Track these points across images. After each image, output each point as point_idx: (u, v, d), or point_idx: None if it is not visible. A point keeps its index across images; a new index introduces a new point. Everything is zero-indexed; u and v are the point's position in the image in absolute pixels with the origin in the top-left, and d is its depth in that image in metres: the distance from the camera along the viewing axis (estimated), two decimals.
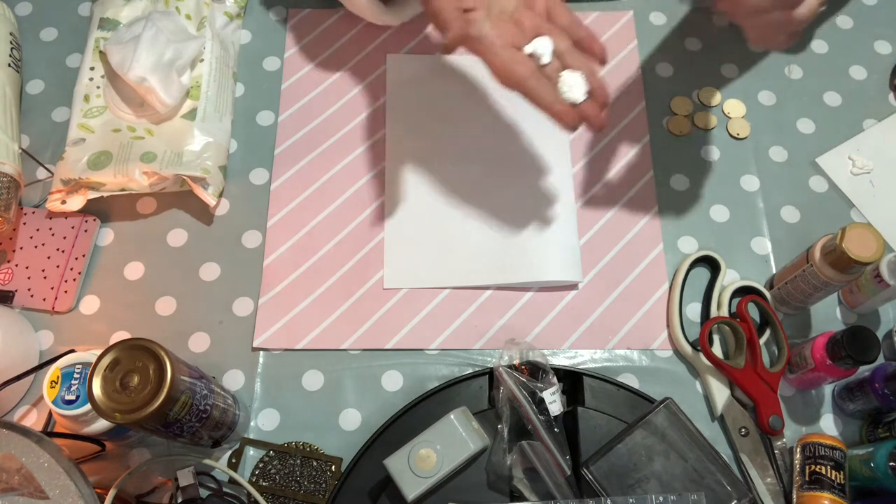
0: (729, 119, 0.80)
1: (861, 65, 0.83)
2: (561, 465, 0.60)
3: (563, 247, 0.72)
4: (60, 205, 0.71)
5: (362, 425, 0.66)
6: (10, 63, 0.76)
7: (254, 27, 0.84)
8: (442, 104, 0.79)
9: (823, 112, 0.80)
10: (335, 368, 0.69)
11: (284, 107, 0.80)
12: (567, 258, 0.72)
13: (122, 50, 0.72)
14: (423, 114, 0.79)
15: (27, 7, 0.85)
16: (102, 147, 0.72)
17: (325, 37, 0.83)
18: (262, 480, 0.65)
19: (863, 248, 0.60)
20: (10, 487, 0.50)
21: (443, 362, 0.69)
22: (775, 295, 0.70)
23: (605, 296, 0.72)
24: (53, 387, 0.60)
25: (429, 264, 0.72)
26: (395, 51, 0.83)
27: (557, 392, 0.62)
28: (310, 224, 0.74)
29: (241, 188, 0.76)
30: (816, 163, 0.78)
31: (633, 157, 0.77)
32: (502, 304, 0.71)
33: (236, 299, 0.71)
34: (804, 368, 0.64)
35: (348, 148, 0.78)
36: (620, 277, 0.72)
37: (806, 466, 0.62)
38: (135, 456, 0.65)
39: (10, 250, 0.72)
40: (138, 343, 0.52)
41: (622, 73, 0.82)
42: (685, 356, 0.69)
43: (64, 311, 0.70)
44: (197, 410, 0.55)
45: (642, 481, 0.60)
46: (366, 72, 0.82)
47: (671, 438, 0.61)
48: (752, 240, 0.74)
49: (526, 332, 0.70)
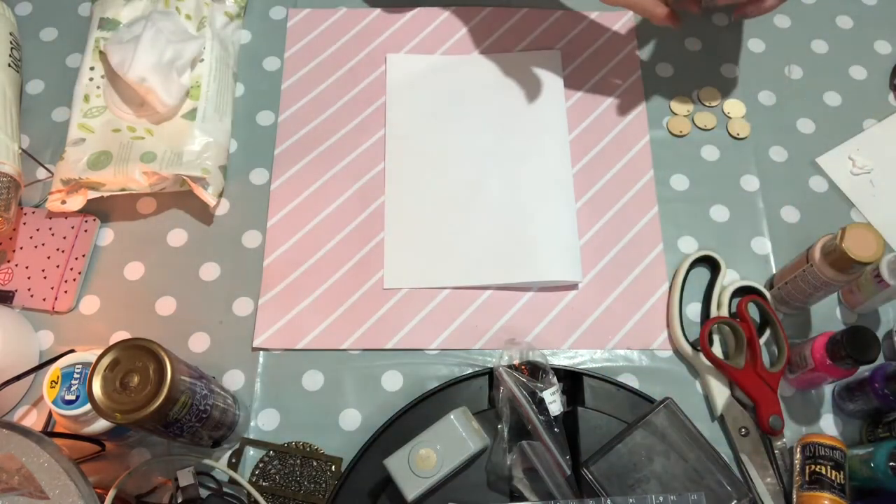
0: (729, 119, 0.80)
1: (861, 65, 0.83)
2: (561, 465, 0.60)
3: (563, 247, 0.72)
4: (60, 205, 0.71)
5: (362, 425, 0.66)
6: (10, 63, 0.76)
7: (254, 27, 0.84)
8: (442, 104, 0.79)
9: (823, 112, 0.80)
10: (335, 368, 0.69)
11: (284, 107, 0.80)
12: (567, 258, 0.72)
13: (122, 50, 0.72)
14: (423, 114, 0.79)
15: (27, 7, 0.85)
16: (102, 147, 0.72)
17: (325, 37, 0.83)
18: (262, 480, 0.65)
19: (863, 248, 0.60)
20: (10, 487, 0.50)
21: (443, 362, 0.69)
22: (775, 295, 0.70)
23: (605, 296, 0.71)
24: (53, 387, 0.60)
25: (429, 264, 0.72)
26: (395, 51, 0.83)
27: (557, 392, 0.62)
28: (310, 224, 0.74)
29: (241, 188, 0.76)
30: (816, 163, 0.78)
31: (633, 157, 0.77)
32: (502, 304, 0.71)
33: (236, 299, 0.71)
34: (804, 368, 0.64)
35: (348, 148, 0.78)
36: (620, 277, 0.72)
37: (806, 466, 0.62)
38: (135, 456, 0.65)
39: (10, 250, 0.72)
40: (138, 343, 0.52)
41: (622, 73, 0.82)
42: (685, 356, 0.69)
43: (64, 311, 0.70)
44: (197, 410, 0.55)
45: (642, 481, 0.60)
46: (366, 72, 0.82)
47: (671, 438, 0.61)
48: (752, 240, 0.74)
49: (526, 332, 0.70)
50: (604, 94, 0.81)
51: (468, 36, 0.83)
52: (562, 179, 0.75)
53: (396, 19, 0.84)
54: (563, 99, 0.80)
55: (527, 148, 0.77)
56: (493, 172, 0.76)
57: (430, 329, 0.70)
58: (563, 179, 0.76)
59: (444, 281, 0.71)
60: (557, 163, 0.76)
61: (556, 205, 0.74)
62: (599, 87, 0.81)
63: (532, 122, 0.78)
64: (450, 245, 0.73)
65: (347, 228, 0.74)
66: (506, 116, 0.78)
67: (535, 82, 0.80)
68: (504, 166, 0.76)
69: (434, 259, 0.72)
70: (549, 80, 0.80)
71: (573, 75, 0.81)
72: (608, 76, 0.81)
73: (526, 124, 0.78)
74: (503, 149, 0.77)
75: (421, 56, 0.82)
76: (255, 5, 0.85)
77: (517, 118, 0.78)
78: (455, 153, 0.77)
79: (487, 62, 0.82)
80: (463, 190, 0.75)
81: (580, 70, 0.82)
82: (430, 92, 0.80)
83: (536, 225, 0.73)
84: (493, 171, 0.76)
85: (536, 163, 0.76)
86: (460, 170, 0.76)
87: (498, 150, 0.77)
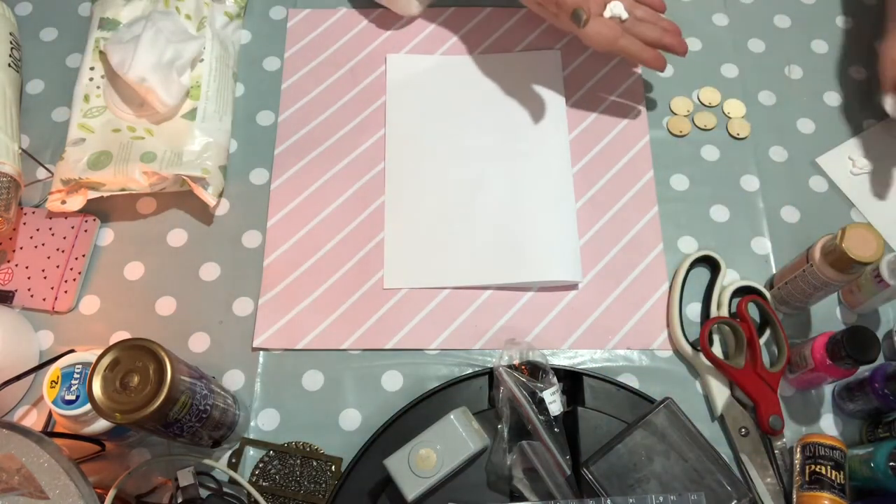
0: (729, 119, 0.80)
1: (861, 65, 0.83)
2: (561, 465, 0.60)
3: (563, 247, 0.72)
4: (60, 205, 0.71)
5: (362, 425, 0.66)
6: (10, 63, 0.76)
7: (254, 27, 0.84)
8: (442, 104, 0.79)
9: (823, 112, 0.80)
10: (335, 368, 0.69)
11: (284, 107, 0.80)
12: (567, 258, 0.72)
13: (122, 50, 0.72)
14: (423, 114, 0.79)
15: (27, 7, 0.85)
16: (102, 147, 0.72)
17: (325, 37, 0.83)
18: (262, 480, 0.65)
19: (863, 248, 0.60)
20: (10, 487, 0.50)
21: (443, 362, 0.69)
22: (775, 295, 0.70)
23: (605, 296, 0.71)
24: (53, 387, 0.60)
25: (429, 264, 0.72)
26: (395, 51, 0.83)
27: (557, 392, 0.62)
28: (310, 224, 0.74)
29: (241, 188, 0.76)
30: (816, 163, 0.78)
31: (633, 157, 0.77)
32: (502, 304, 0.71)
33: (236, 299, 0.71)
34: (804, 368, 0.64)
35: (348, 148, 0.78)
36: (620, 277, 0.72)
37: (806, 466, 0.62)
38: (135, 456, 0.65)
39: (10, 250, 0.72)
40: (138, 343, 0.52)
41: (622, 74, 0.82)
42: (685, 356, 0.69)
43: (64, 311, 0.70)
44: (197, 410, 0.55)
45: (642, 481, 0.60)
46: (366, 72, 0.82)
47: (671, 438, 0.61)
48: (752, 240, 0.74)
49: (526, 332, 0.70)
50: (604, 94, 0.81)
51: (468, 36, 0.83)
52: (562, 179, 0.75)
53: (396, 19, 0.84)
54: (563, 99, 0.80)
55: (527, 148, 0.77)
56: (493, 172, 0.76)
57: (430, 329, 0.70)
58: (563, 179, 0.76)
59: (444, 281, 0.71)
60: (557, 163, 0.76)
61: (556, 205, 0.74)
62: (599, 87, 0.81)
63: (532, 122, 0.78)
64: (450, 245, 0.73)
65: (347, 228, 0.74)
66: (506, 116, 0.78)
67: (535, 82, 0.80)
68: (504, 166, 0.76)
69: (434, 259, 0.72)
70: (549, 80, 0.80)
71: (573, 75, 0.81)
72: (608, 76, 0.81)
73: (526, 124, 0.78)
74: (503, 149, 0.77)
75: (421, 56, 0.82)
76: (255, 5, 0.85)
77: (517, 118, 0.78)
78: (455, 153, 0.77)
79: (487, 62, 0.82)
80: (463, 190, 0.75)
81: (580, 70, 0.82)
82: (430, 92, 0.80)
83: (536, 225, 0.73)
84: (493, 171, 0.76)
85: (536, 163, 0.76)
86: (460, 170, 0.76)
87: (498, 150, 0.77)
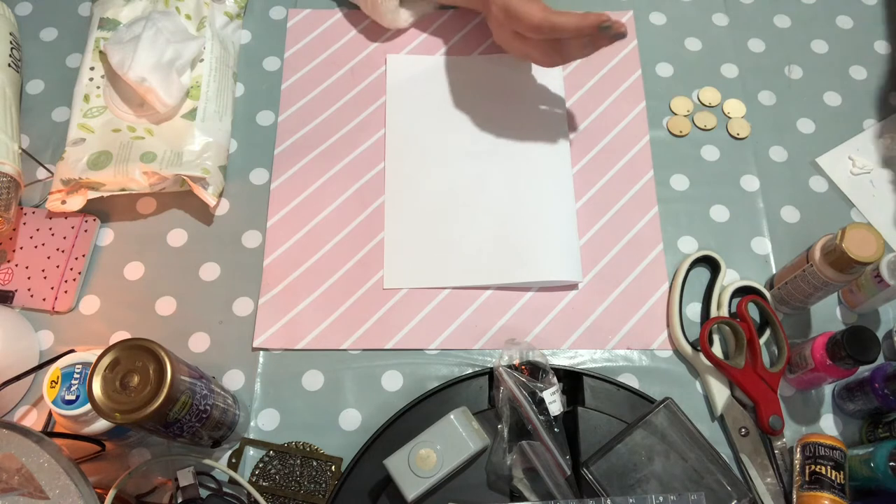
0: (729, 119, 0.80)
1: (861, 65, 0.83)
2: (561, 465, 0.60)
3: (563, 247, 0.72)
4: (60, 205, 0.71)
5: (362, 425, 0.66)
6: (10, 63, 0.76)
7: (254, 27, 0.84)
8: (442, 104, 0.79)
9: (823, 112, 0.80)
10: (335, 368, 0.69)
11: (284, 107, 0.80)
12: (567, 258, 0.72)
13: (122, 50, 0.72)
14: (422, 114, 0.79)
15: (27, 7, 0.85)
16: (102, 147, 0.72)
17: (325, 37, 0.83)
18: (262, 480, 0.65)
19: (863, 248, 0.60)
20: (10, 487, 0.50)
21: (443, 362, 0.69)
22: (775, 295, 0.70)
23: (605, 296, 0.71)
24: (53, 387, 0.60)
25: (429, 264, 0.72)
26: (395, 51, 0.83)
27: (557, 392, 0.62)
28: (310, 224, 0.74)
29: (241, 188, 0.76)
30: (816, 163, 0.78)
31: (633, 157, 0.77)
32: (502, 304, 0.71)
33: (236, 299, 0.71)
34: (804, 368, 0.64)
35: (348, 148, 0.78)
36: (620, 277, 0.72)
37: (806, 466, 0.62)
38: (135, 456, 0.65)
39: (10, 250, 0.72)
40: (138, 343, 0.52)
41: (622, 73, 0.82)
42: (685, 356, 0.69)
43: (64, 311, 0.70)
44: (197, 410, 0.55)
45: (642, 481, 0.60)
46: (366, 72, 0.82)
47: (671, 438, 0.61)
48: (752, 240, 0.74)
49: (526, 332, 0.70)
50: (604, 94, 0.80)
51: (468, 36, 0.83)
52: (562, 179, 0.75)
53: None
54: (563, 99, 0.80)
55: (527, 148, 0.77)
56: (493, 172, 0.76)
57: (430, 329, 0.70)
58: (563, 179, 0.76)
59: (443, 281, 0.71)
60: (557, 163, 0.76)
61: (556, 205, 0.74)
62: (599, 87, 0.81)
63: (532, 122, 0.78)
64: (450, 245, 0.73)
65: (347, 228, 0.74)
66: (506, 117, 0.78)
67: (534, 82, 0.80)
68: (504, 166, 0.76)
69: (434, 259, 0.72)
70: (548, 79, 0.80)
71: (573, 76, 0.81)
72: (608, 76, 0.81)
73: (526, 124, 0.78)
74: (503, 149, 0.77)
75: (421, 57, 0.82)
76: (255, 5, 0.85)
77: (517, 118, 0.78)
78: (455, 153, 0.77)
79: (487, 63, 0.82)
80: (463, 190, 0.75)
81: (580, 70, 0.82)
82: (430, 92, 0.80)
83: (536, 225, 0.73)
84: (492, 171, 0.76)
85: (536, 163, 0.76)
86: (460, 170, 0.76)
87: (498, 150, 0.77)
